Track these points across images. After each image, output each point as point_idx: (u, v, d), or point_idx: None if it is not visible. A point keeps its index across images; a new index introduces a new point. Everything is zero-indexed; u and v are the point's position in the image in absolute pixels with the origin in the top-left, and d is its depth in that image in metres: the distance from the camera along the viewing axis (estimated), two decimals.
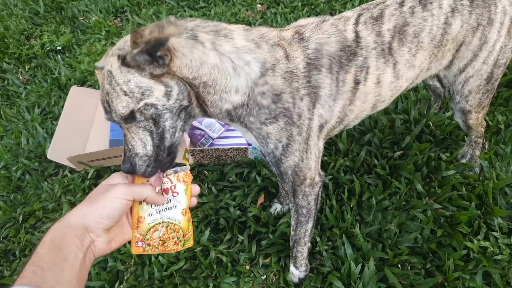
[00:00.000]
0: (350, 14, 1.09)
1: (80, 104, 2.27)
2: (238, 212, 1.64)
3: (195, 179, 1.85)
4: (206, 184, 1.81)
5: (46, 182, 2.02)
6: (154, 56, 0.79)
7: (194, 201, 0.92)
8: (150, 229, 0.88)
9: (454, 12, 1.09)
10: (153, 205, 0.89)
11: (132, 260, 1.57)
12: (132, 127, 0.87)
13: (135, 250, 0.89)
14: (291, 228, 1.32)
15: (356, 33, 1.04)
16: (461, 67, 1.22)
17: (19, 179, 2.10)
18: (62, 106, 2.28)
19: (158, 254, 1.53)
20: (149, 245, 0.89)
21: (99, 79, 2.41)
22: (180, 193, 0.91)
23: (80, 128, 2.21)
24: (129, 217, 0.88)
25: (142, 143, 0.89)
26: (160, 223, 0.89)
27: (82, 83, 2.70)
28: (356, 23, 1.05)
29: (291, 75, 0.97)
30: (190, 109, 0.92)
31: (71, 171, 2.06)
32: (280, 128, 1.00)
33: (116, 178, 0.85)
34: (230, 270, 1.48)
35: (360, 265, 1.36)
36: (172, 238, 0.90)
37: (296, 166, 1.09)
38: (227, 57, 0.90)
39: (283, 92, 0.97)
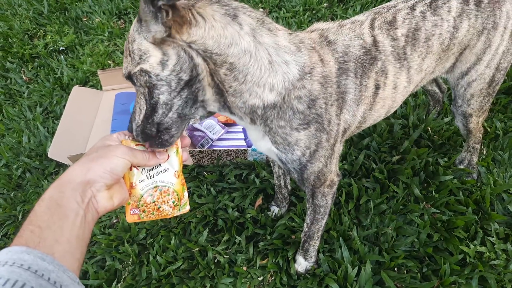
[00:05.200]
0: (363, 18, 1.08)
1: (81, 104, 2.28)
2: (236, 214, 1.65)
3: (194, 180, 1.87)
4: (205, 185, 1.82)
5: (46, 181, 2.03)
6: (155, 5, 0.70)
7: (186, 155, 0.93)
8: (143, 195, 0.87)
9: (462, 16, 1.10)
10: (143, 171, 0.88)
11: (130, 259, 1.57)
12: (137, 90, 0.86)
13: (130, 218, 0.87)
14: (305, 225, 1.33)
15: (374, 37, 1.03)
16: (464, 71, 1.23)
17: (19, 177, 2.12)
18: (64, 106, 2.30)
19: (156, 254, 1.54)
20: (144, 211, 0.88)
21: (102, 80, 2.44)
22: (171, 156, 0.91)
23: (81, 128, 2.23)
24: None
25: (139, 110, 0.87)
26: (152, 188, 0.88)
27: (84, 83, 2.72)
28: (372, 27, 1.05)
29: (326, 80, 0.95)
30: (197, 89, 0.83)
31: None
32: (311, 135, 0.97)
33: (110, 140, 0.85)
34: (227, 271, 1.48)
35: (356, 268, 1.37)
36: (167, 202, 0.89)
37: (320, 171, 1.07)
38: (264, 48, 0.83)
39: (318, 97, 0.94)
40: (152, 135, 0.87)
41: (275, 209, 1.67)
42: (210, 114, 0.95)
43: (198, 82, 0.82)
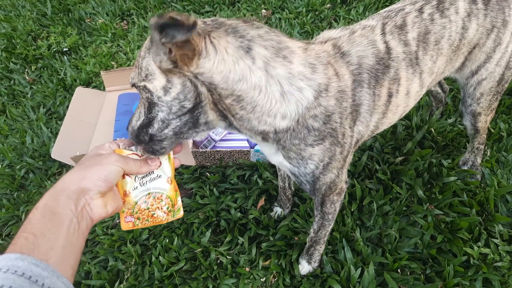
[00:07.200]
0: (374, 23, 1.05)
1: (85, 104, 2.29)
2: (239, 214, 1.64)
3: (197, 181, 1.87)
4: (208, 185, 1.82)
5: (49, 181, 2.04)
6: (160, 38, 0.67)
7: (178, 162, 0.95)
8: (137, 202, 0.88)
9: (470, 16, 1.09)
10: (136, 178, 0.89)
11: (133, 260, 1.57)
12: (140, 98, 0.87)
13: (125, 225, 0.89)
14: (312, 231, 1.33)
15: (386, 43, 1.01)
16: (474, 69, 1.22)
17: (22, 178, 2.12)
18: (67, 107, 2.31)
19: (159, 254, 1.54)
20: (138, 218, 0.89)
21: (105, 81, 2.44)
22: (163, 163, 0.92)
23: (84, 128, 2.23)
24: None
25: (138, 116, 0.88)
26: (146, 195, 0.89)
27: (87, 84, 2.73)
28: (383, 33, 1.02)
29: (342, 95, 0.93)
30: (198, 113, 0.83)
31: None
32: (325, 149, 0.96)
33: (103, 149, 0.86)
34: (230, 272, 1.48)
35: (359, 269, 1.37)
36: (161, 208, 0.90)
37: (332, 182, 1.06)
38: (276, 81, 0.81)
39: (333, 112, 0.92)
40: (145, 142, 0.90)
41: (278, 210, 1.67)
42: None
43: (201, 108, 0.82)
